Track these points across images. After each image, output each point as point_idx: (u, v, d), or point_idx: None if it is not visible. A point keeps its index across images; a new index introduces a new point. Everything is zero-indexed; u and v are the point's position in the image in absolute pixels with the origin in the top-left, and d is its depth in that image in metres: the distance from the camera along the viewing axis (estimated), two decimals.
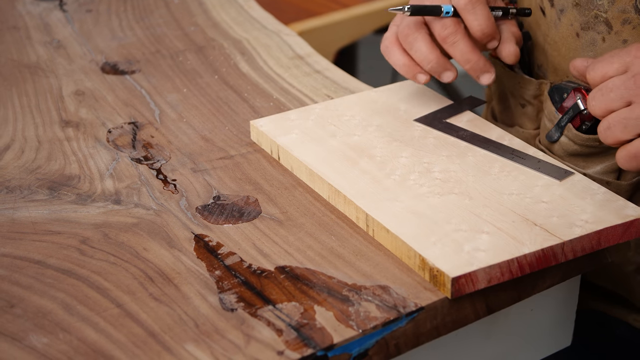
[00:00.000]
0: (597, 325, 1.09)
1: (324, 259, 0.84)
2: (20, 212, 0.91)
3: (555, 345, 0.95)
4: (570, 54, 1.00)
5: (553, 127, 0.99)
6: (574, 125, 0.97)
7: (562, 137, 0.98)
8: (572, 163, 0.98)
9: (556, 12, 0.99)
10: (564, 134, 0.98)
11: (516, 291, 0.83)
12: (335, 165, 0.94)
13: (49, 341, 0.75)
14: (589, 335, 1.08)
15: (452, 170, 0.92)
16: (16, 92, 1.15)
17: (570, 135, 0.97)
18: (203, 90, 1.14)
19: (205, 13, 1.37)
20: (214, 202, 0.92)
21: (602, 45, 0.96)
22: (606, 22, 0.95)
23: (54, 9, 1.38)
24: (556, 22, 1.00)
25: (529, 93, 1.04)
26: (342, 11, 2.02)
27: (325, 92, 1.13)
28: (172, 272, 0.83)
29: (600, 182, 0.97)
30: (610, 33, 0.95)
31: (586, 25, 0.97)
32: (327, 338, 0.75)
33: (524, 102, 1.05)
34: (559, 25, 0.99)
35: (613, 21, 0.95)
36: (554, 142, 0.99)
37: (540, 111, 1.05)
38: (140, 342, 0.75)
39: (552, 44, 1.01)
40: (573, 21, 0.98)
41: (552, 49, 1.01)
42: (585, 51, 0.98)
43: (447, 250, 0.80)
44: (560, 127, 0.98)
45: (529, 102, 1.05)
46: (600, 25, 0.96)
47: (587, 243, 0.82)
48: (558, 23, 0.99)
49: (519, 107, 1.06)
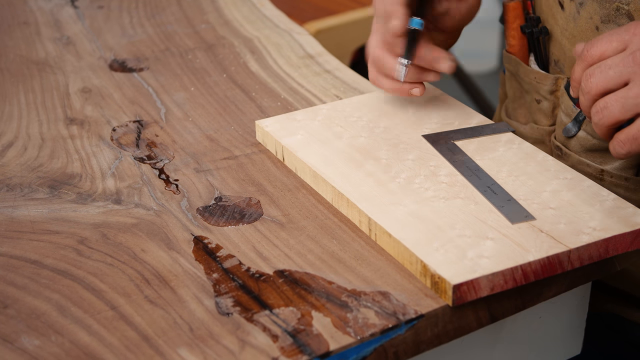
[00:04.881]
0: (610, 329, 1.06)
1: (325, 263, 0.82)
2: (20, 211, 0.90)
3: (565, 353, 0.93)
4: None
5: (570, 121, 0.98)
6: None
7: (580, 132, 0.97)
8: (590, 159, 0.97)
9: (575, 5, 0.97)
10: (582, 128, 0.96)
11: (521, 299, 0.81)
12: (339, 167, 0.92)
13: (41, 343, 0.74)
14: (601, 340, 1.05)
15: (459, 174, 0.90)
16: (23, 89, 1.14)
17: (588, 129, 0.96)
18: (211, 89, 1.13)
19: (217, 11, 1.35)
20: (216, 203, 0.91)
21: None
22: (628, 14, 0.93)
23: (66, 5, 1.37)
24: (575, 15, 0.98)
25: (545, 88, 1.03)
26: (360, 10, 2.00)
27: (335, 93, 1.11)
28: (169, 275, 0.81)
29: (618, 178, 0.96)
30: None
31: (607, 18, 0.95)
32: (324, 345, 0.73)
33: (540, 98, 1.04)
34: (577, 18, 0.97)
35: (636, 13, 0.92)
36: (571, 137, 0.98)
37: (556, 107, 1.03)
38: (133, 346, 0.73)
39: (570, 38, 0.99)
40: (593, 14, 0.96)
41: (570, 43, 0.99)
42: None
43: (449, 257, 0.78)
44: (579, 121, 0.97)
45: (544, 97, 1.03)
46: (622, 18, 0.93)
47: (595, 251, 0.80)
48: (577, 16, 0.97)
49: (534, 103, 1.05)
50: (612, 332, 1.07)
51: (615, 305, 1.05)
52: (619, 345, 1.08)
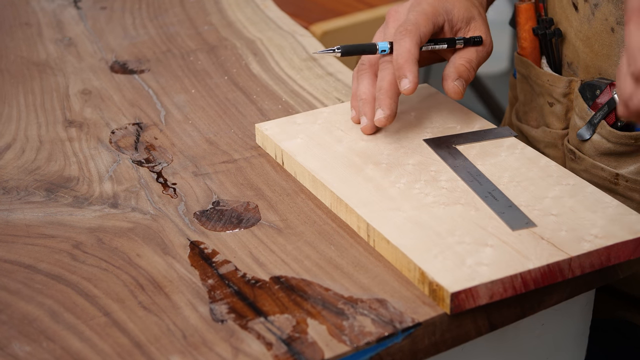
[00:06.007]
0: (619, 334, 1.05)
1: (322, 270, 0.81)
2: (15, 214, 0.89)
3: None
4: (603, 50, 0.96)
5: (585, 125, 0.96)
6: (608, 122, 0.95)
7: (594, 135, 0.96)
8: (604, 163, 0.96)
9: (590, 6, 0.96)
10: (596, 131, 0.95)
11: (520, 308, 0.79)
12: (339, 171, 0.91)
13: (32, 349, 0.73)
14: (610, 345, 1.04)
15: (460, 179, 0.89)
16: (22, 90, 1.13)
17: (603, 133, 0.95)
18: (212, 92, 1.12)
19: (220, 12, 1.34)
20: (213, 207, 0.90)
21: None
22: None
23: (68, 6, 1.36)
24: (589, 17, 0.96)
25: (558, 91, 1.01)
26: (368, 11, 1.99)
27: (336, 95, 1.10)
28: (164, 280, 0.80)
29: (633, 182, 0.95)
30: None
31: (622, 19, 0.93)
32: (318, 353, 0.72)
33: (553, 101, 1.02)
34: (592, 20, 0.96)
35: None
36: (585, 140, 0.97)
37: (569, 110, 1.02)
38: (125, 353, 0.72)
39: (584, 40, 0.98)
40: (608, 16, 0.95)
41: (584, 45, 0.98)
42: (620, 47, 0.95)
43: (448, 264, 0.77)
44: (593, 124, 0.96)
45: (557, 100, 1.02)
46: None
47: (596, 259, 0.79)
48: (592, 18, 0.96)
49: (547, 106, 1.03)
50: (622, 337, 1.05)
51: (625, 311, 1.03)
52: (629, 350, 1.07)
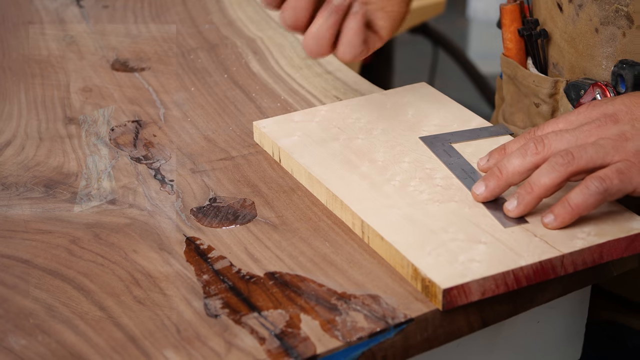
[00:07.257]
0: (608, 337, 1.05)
1: (316, 266, 0.81)
2: (14, 210, 0.90)
3: (564, 359, 0.92)
4: (588, 51, 0.97)
5: None
6: None
7: None
8: None
9: (574, 7, 0.97)
10: None
11: (513, 304, 0.80)
12: (334, 169, 0.91)
13: (27, 343, 0.74)
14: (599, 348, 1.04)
15: (455, 176, 0.89)
16: (24, 88, 1.14)
17: None
18: (211, 90, 1.12)
19: (221, 11, 1.35)
20: (210, 204, 0.90)
21: (622, 40, 0.93)
22: (627, 16, 0.92)
23: (71, 5, 1.37)
24: (574, 17, 0.97)
25: (544, 92, 1.02)
26: None
27: (335, 94, 1.10)
28: (160, 276, 0.81)
29: None
30: (631, 27, 0.93)
31: (606, 20, 0.94)
32: (310, 348, 0.72)
33: (539, 102, 1.03)
34: (577, 20, 0.97)
35: (635, 15, 0.92)
36: None
37: (555, 110, 1.02)
38: (119, 347, 0.73)
39: (569, 41, 0.98)
40: (592, 16, 0.95)
41: (569, 45, 0.98)
42: (604, 47, 0.95)
43: (440, 260, 0.78)
44: None
45: (543, 101, 1.02)
46: (620, 20, 0.93)
47: (589, 256, 0.79)
48: (576, 19, 0.97)
49: (533, 106, 1.04)
50: (612, 340, 1.06)
51: (613, 312, 1.04)
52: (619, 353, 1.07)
